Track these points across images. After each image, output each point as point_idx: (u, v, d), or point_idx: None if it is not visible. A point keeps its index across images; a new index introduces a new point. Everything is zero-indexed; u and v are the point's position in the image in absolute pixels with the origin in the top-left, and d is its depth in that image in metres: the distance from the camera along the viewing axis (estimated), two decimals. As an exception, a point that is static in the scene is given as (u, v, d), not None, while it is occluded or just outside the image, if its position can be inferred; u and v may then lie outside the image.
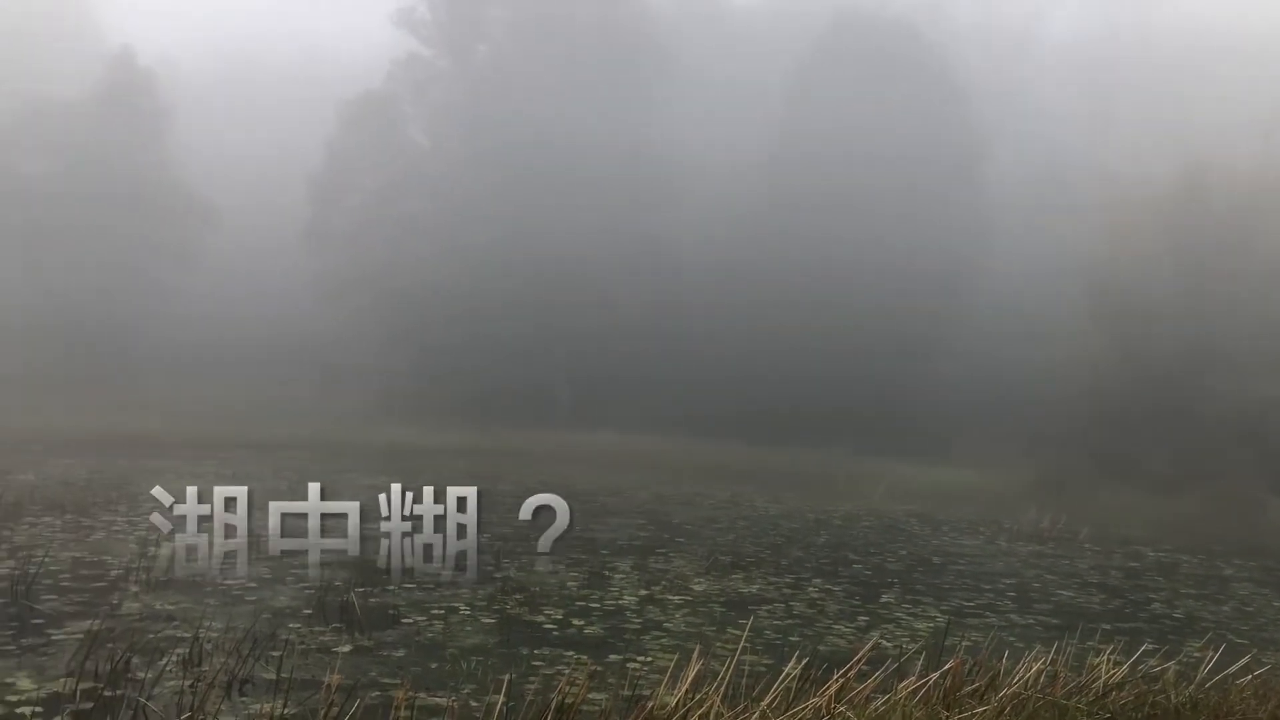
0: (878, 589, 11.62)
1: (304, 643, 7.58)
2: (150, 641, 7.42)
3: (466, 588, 10.20)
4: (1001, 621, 10.15)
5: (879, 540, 15.92)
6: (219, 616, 8.29)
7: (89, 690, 6.23)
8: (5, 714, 5.83)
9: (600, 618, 9.24)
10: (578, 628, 8.83)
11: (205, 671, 6.69)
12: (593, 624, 8.99)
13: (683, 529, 15.62)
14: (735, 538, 14.99)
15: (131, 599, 8.89)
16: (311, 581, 10.02)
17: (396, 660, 7.43)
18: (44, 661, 6.93)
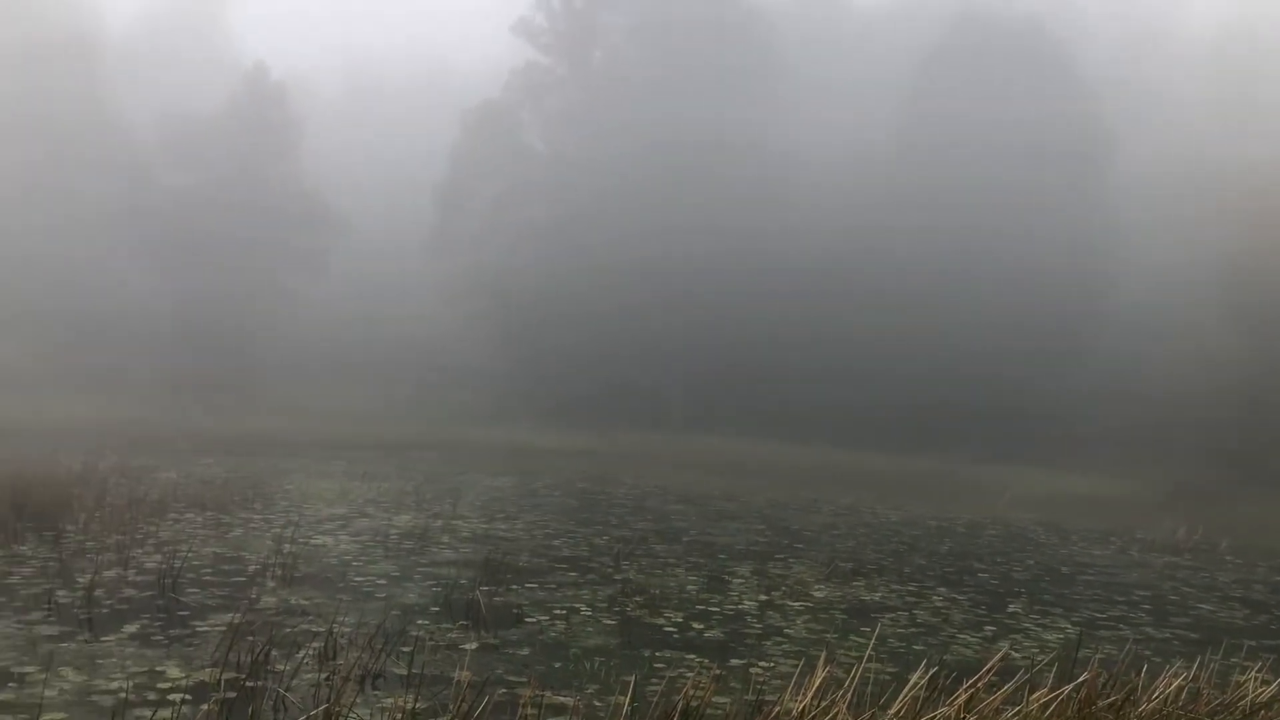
0: (1004, 598, 11.34)
1: (432, 639, 7.77)
2: (288, 635, 7.70)
3: (587, 589, 10.31)
4: (1136, 635, 9.79)
5: (1004, 549, 15.53)
6: (351, 612, 8.55)
7: (231, 680, 6.51)
8: (157, 700, 6.12)
9: (720, 622, 9.23)
10: (698, 631, 8.84)
11: (340, 665, 6.92)
12: (713, 628, 8.99)
13: (802, 535, 15.50)
14: (855, 544, 14.81)
15: (269, 594, 9.23)
16: (438, 579, 10.26)
17: (521, 658, 7.56)
18: (190, 652, 7.26)
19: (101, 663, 6.85)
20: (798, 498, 21.08)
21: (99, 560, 10.10)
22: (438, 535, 13.16)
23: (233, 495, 15.71)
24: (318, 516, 14.31)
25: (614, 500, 19.00)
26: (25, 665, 6.67)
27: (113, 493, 14.35)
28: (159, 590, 9.08)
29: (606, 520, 15.89)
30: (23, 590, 8.80)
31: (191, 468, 19.89)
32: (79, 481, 15.61)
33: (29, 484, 13.67)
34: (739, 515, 17.49)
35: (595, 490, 20.65)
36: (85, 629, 7.71)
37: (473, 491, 18.98)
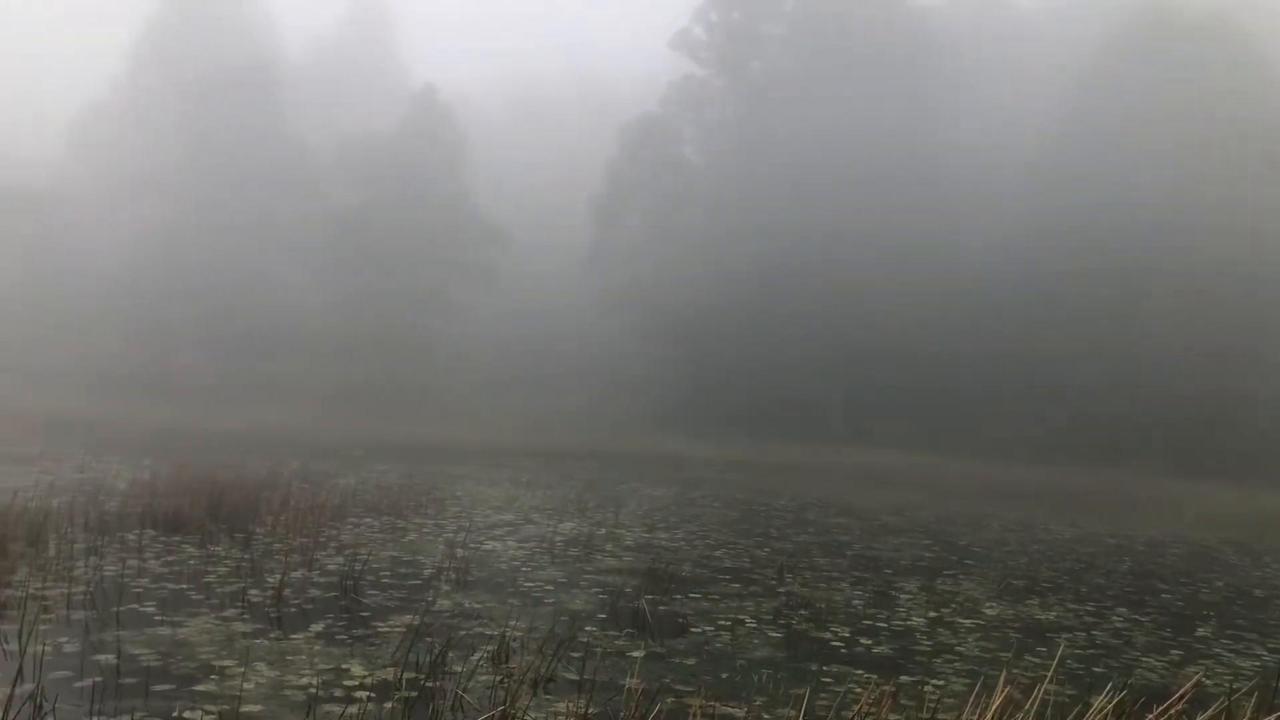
0: (1191, 621, 10.75)
1: (601, 646, 7.88)
2: (463, 637, 7.94)
3: (751, 600, 10.27)
4: (1343, 665, 9.13)
5: (1190, 569, 14.73)
6: (522, 617, 8.75)
7: (411, 680, 6.76)
8: (343, 697, 6.41)
9: (889, 638, 9.06)
10: (866, 647, 8.69)
11: (513, 668, 7.10)
12: (881, 643, 8.82)
13: (970, 551, 15.07)
14: (1028, 561, 14.30)
15: (444, 597, 9.54)
16: (603, 587, 10.41)
17: (689, 668, 7.59)
18: (372, 651, 7.57)
19: (292, 659, 7.21)
20: (965, 512, 20.50)
21: (286, 562, 10.62)
22: (601, 543, 13.35)
23: (407, 501, 16.30)
24: (487, 522, 14.72)
25: (774, 512, 18.89)
26: (224, 659, 7.08)
27: (296, 497, 15.08)
28: (341, 591, 9.51)
29: (767, 532, 15.81)
30: (219, 589, 9.35)
31: (367, 474, 20.75)
32: (265, 486, 16.48)
33: (222, 488, 14.50)
34: (904, 529, 17.13)
35: (755, 502, 20.57)
36: (276, 627, 8.13)
37: (633, 501, 19.19)
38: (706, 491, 22.03)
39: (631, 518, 16.41)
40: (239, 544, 11.68)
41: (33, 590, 8.65)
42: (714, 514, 17.99)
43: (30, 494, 13.30)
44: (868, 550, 14.42)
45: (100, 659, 6.93)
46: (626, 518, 16.27)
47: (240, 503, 14.14)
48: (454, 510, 16.05)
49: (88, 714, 5.68)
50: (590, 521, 15.36)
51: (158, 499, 13.86)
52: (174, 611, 8.40)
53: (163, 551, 11.00)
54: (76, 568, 9.75)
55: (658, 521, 16.17)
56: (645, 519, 16.45)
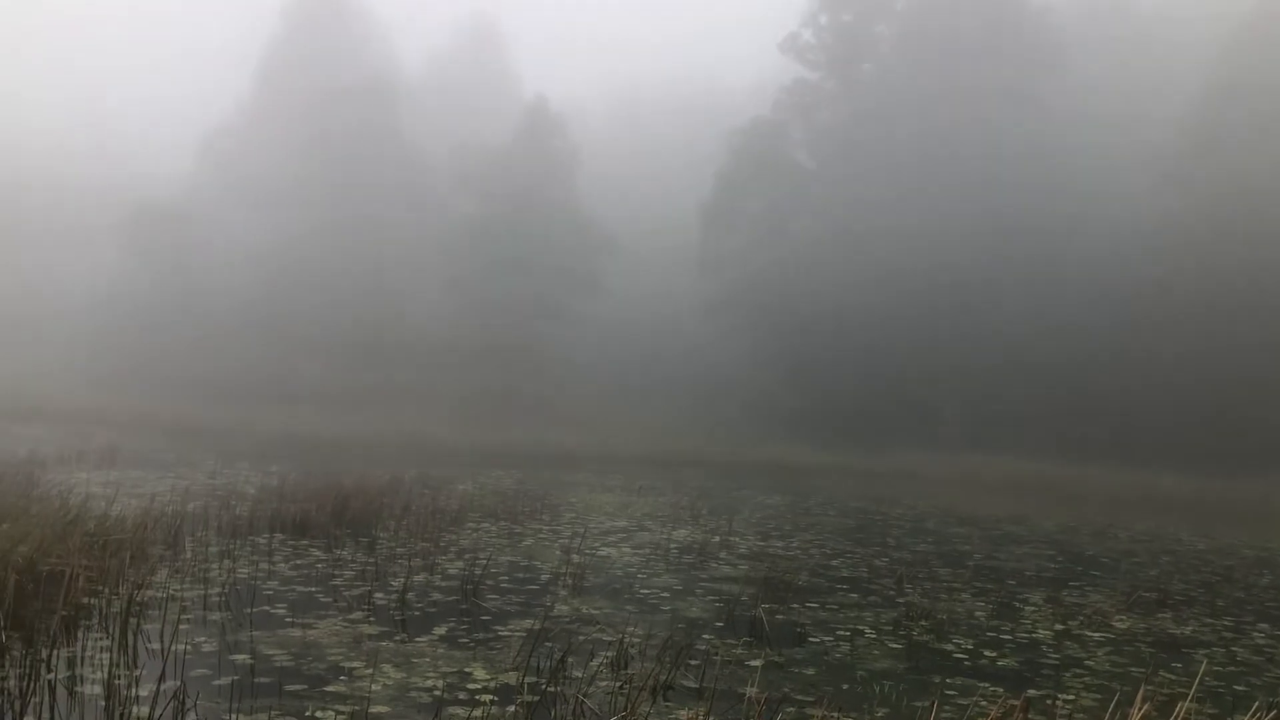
0: (1341, 640, 10.19)
1: (718, 654, 7.86)
2: (581, 643, 8.02)
3: (869, 611, 10.12)
4: None
5: (1337, 584, 13.98)
6: (639, 623, 8.78)
7: (533, 684, 6.85)
8: (466, 699, 6.53)
9: (1013, 650, 8.82)
10: (990, 659, 8.48)
11: (632, 675, 7.13)
12: (1006, 656, 8.60)
13: (1097, 562, 14.58)
14: (1159, 573, 13.76)
15: (562, 602, 9.65)
16: (719, 595, 10.38)
17: (808, 678, 7.52)
18: (494, 655, 7.69)
19: (416, 661, 7.38)
20: (1090, 522, 19.86)
21: (409, 566, 10.89)
22: (715, 551, 13.32)
23: (522, 507, 16.54)
24: (601, 529, 14.84)
25: (891, 521, 18.59)
26: (353, 661, 7.28)
27: (416, 503, 15.44)
28: (462, 595, 9.69)
29: (884, 541, 15.56)
30: (346, 591, 9.62)
31: (484, 480, 21.12)
32: (386, 492, 16.90)
33: (346, 494, 14.92)
34: (1026, 539, 16.67)
35: (871, 510, 20.28)
36: (401, 629, 8.33)
37: (746, 508, 19.10)
38: (821, 499, 21.80)
39: (745, 525, 16.34)
40: (363, 548, 12.01)
41: (172, 591, 9.04)
42: (829, 522, 17.79)
43: (167, 498, 13.90)
44: (989, 560, 14.07)
45: (236, 659, 7.20)
46: (740, 525, 16.20)
47: (364, 508, 14.54)
48: (568, 516, 16.22)
49: (227, 711, 5.90)
50: (704, 529, 15.34)
51: (286, 504, 14.34)
52: (304, 613, 8.67)
53: (291, 555, 11.38)
54: (211, 570, 10.15)
55: (772, 530, 16.07)
56: (759, 527, 16.36)
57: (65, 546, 9.26)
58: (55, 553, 9.05)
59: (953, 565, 13.39)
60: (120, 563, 9.52)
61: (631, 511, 17.31)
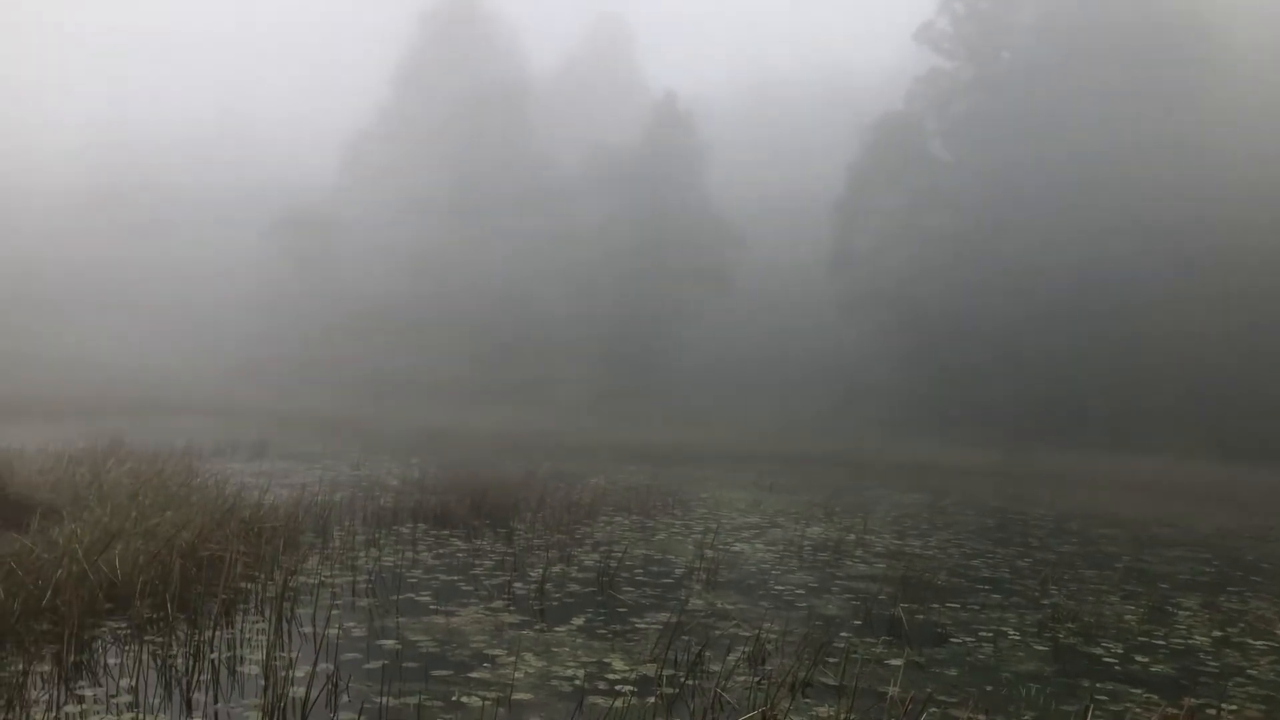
0: None
1: (857, 652, 7.76)
2: (718, 638, 8.02)
3: (1012, 612, 9.83)
4: None
5: None
6: (775, 619, 8.73)
7: (670, 677, 6.88)
8: (606, 690, 6.60)
9: (1168, 656, 8.45)
10: (1142, 664, 8.15)
11: (770, 671, 7.10)
12: (1160, 662, 8.24)
13: (1258, 567, 13.84)
14: (1327, 580, 12.98)
15: (696, 596, 9.66)
16: (856, 593, 10.24)
17: (950, 679, 7.35)
18: (631, 646, 7.75)
19: (556, 651, 7.49)
20: (1248, 525, 18.87)
21: (546, 557, 11.07)
22: (850, 549, 13.14)
23: (654, 501, 16.63)
24: (733, 524, 14.80)
25: (1032, 521, 18.02)
26: (495, 649, 7.44)
27: (551, 496, 15.67)
28: (599, 587, 9.80)
29: (1026, 542, 15.10)
30: (486, 581, 9.83)
31: (615, 474, 21.30)
32: (522, 485, 17.23)
33: (484, 487, 15.26)
34: (1178, 542, 15.95)
35: (1011, 510, 19.70)
36: (540, 619, 8.47)
37: (881, 506, 18.79)
38: (958, 499, 21.28)
39: (881, 524, 16.07)
40: (501, 539, 12.26)
41: (323, 578, 9.40)
42: (967, 522, 17.35)
43: (315, 489, 14.46)
44: (1138, 563, 13.51)
45: (384, 644, 7.44)
46: (875, 523, 15.95)
47: (501, 500, 14.84)
48: (700, 512, 16.23)
49: (378, 695, 6.10)
50: (838, 526, 15.15)
51: (426, 495, 14.76)
52: (447, 601, 8.90)
53: (434, 544, 11.69)
54: (358, 558, 10.51)
55: (908, 528, 15.76)
56: (895, 525, 16.07)
57: (223, 533, 9.73)
58: (214, 539, 9.51)
59: (1099, 567, 12.91)
60: (274, 550, 9.95)
61: (763, 508, 17.22)
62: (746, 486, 20.97)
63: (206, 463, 17.38)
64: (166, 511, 9.94)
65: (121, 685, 6.25)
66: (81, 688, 6.20)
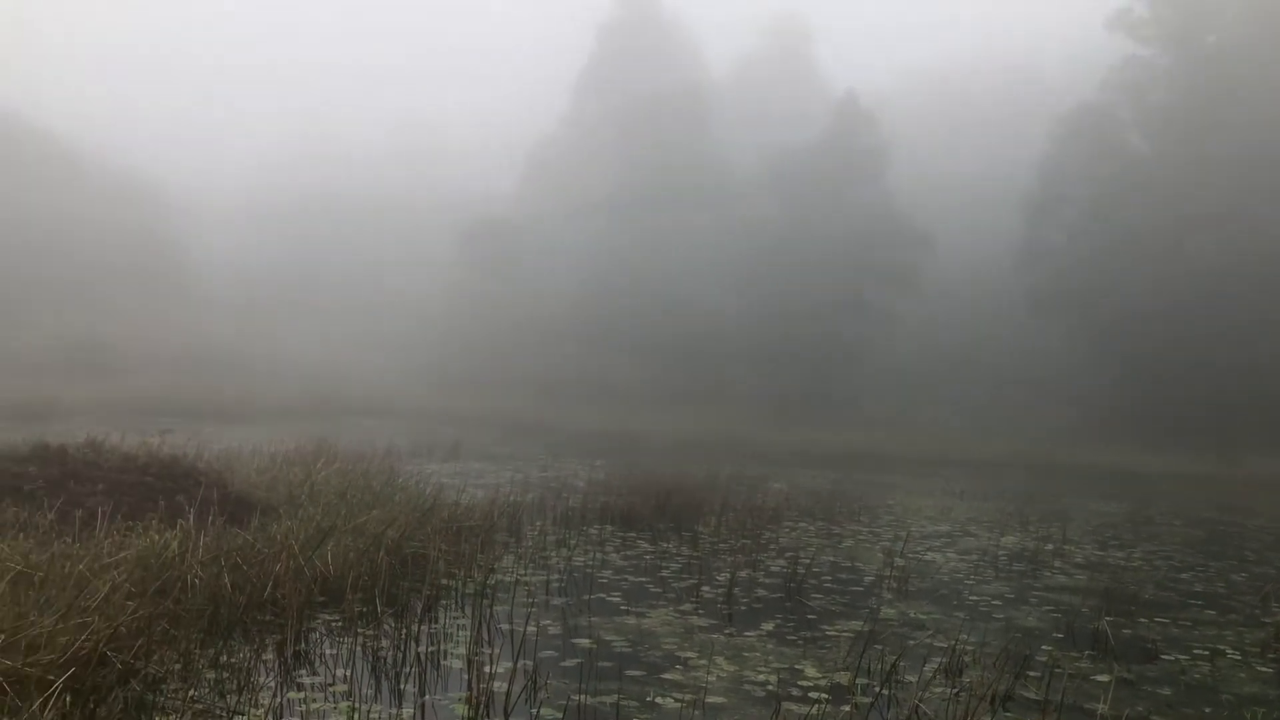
0: None
1: (1060, 667, 7.45)
2: (911, 648, 7.85)
3: (1230, 629, 9.25)
4: None
5: None
6: (971, 631, 8.49)
7: (864, 686, 6.78)
8: (799, 696, 6.57)
9: None
10: (1385, 692, 7.52)
11: (968, 683, 6.90)
12: (1405, 691, 7.59)
13: None
14: None
15: (887, 605, 9.49)
16: (1056, 605, 9.84)
17: (1163, 698, 6.97)
18: (822, 654, 7.68)
19: (747, 655, 7.50)
20: None
21: (732, 561, 11.09)
22: (1048, 559, 12.63)
23: (839, 507, 16.42)
24: (922, 532, 14.45)
25: (1248, 533, 16.90)
26: (686, 651, 7.51)
27: (733, 500, 15.67)
28: (786, 593, 9.75)
29: (1242, 555, 14.17)
30: (674, 583, 9.93)
31: (797, 479, 21.14)
32: (704, 488, 17.31)
33: (667, 489, 15.41)
34: None
35: (1223, 520, 18.53)
36: (729, 623, 8.50)
37: (1079, 515, 17.99)
38: (1163, 508, 20.16)
39: (1080, 533, 15.38)
40: (687, 542, 12.35)
41: (518, 576, 9.69)
42: (1175, 532, 16.41)
43: (506, 489, 14.93)
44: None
45: (579, 642, 7.62)
46: (1074, 533, 15.27)
47: (684, 503, 14.95)
48: (887, 519, 15.92)
49: (575, 692, 6.25)
50: (1034, 536, 14.58)
51: (612, 498, 15.01)
52: (637, 602, 9.04)
53: (621, 546, 11.89)
54: (550, 557, 10.80)
55: (1109, 538, 15.03)
56: (1095, 535, 15.35)
57: (425, 531, 10.17)
58: (417, 537, 9.95)
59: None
60: (472, 548, 10.32)
61: (953, 515, 16.75)
62: (934, 493, 20.45)
63: (405, 463, 18.15)
64: (373, 510, 10.45)
65: (337, 675, 6.62)
66: (301, 676, 6.59)
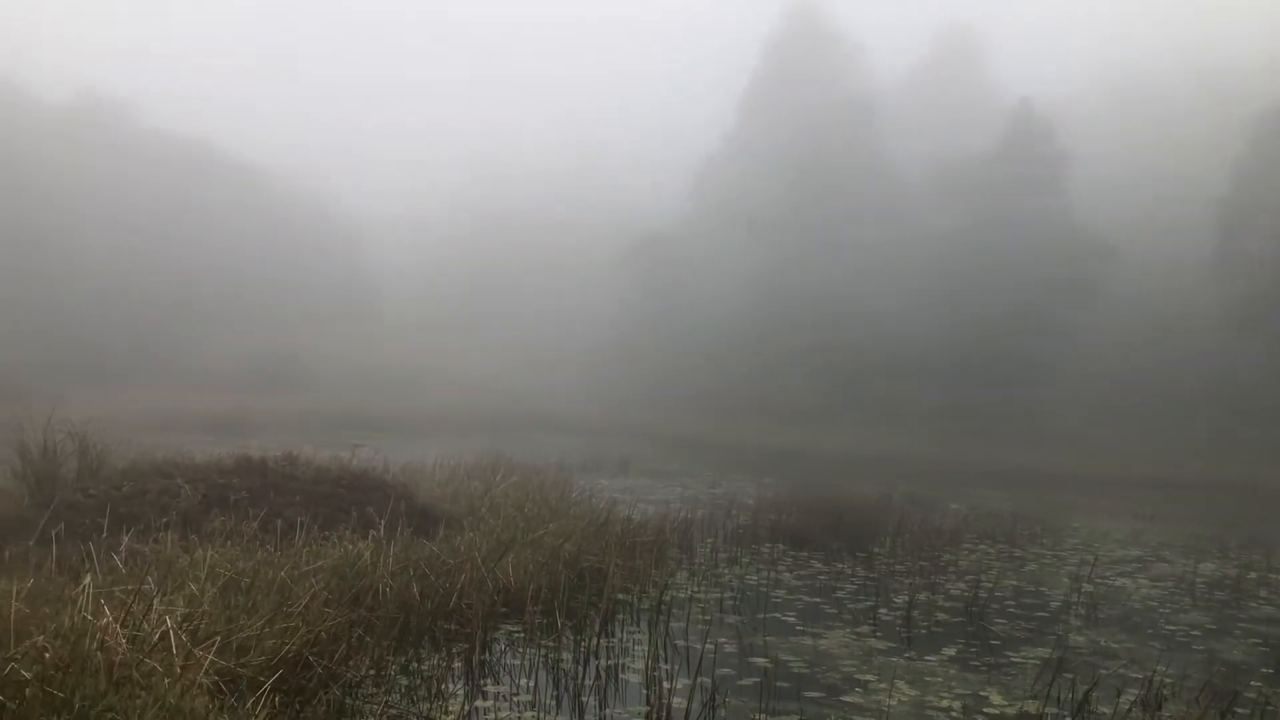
0: None
1: (1272, 704, 6.99)
2: (1104, 678, 7.50)
3: None
4: None
5: None
6: (1169, 662, 8.04)
7: (1054, 715, 6.51)
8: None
9: None
10: None
11: (1168, 717, 6.56)
12: None
13: None
14: None
15: (1076, 632, 9.10)
16: (1264, 638, 9.23)
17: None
18: (1008, 681, 7.43)
19: (929, 680, 7.32)
20: None
21: (908, 583, 10.84)
22: (1252, 588, 11.86)
23: (1019, 529, 15.82)
24: (1110, 557, 13.79)
25: None
26: (865, 674, 7.39)
27: (909, 520, 15.31)
28: (967, 617, 9.47)
29: None
30: (850, 605, 9.78)
31: (974, 499, 20.49)
32: (877, 507, 16.99)
33: (839, 508, 15.20)
34: None
35: None
36: (908, 646, 8.31)
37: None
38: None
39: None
40: (861, 562, 12.14)
41: (692, 592, 9.73)
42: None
43: (677, 506, 15.01)
44: None
45: (756, 661, 7.59)
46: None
47: (857, 522, 14.73)
48: (1071, 542, 15.26)
49: (756, 711, 6.23)
50: (1235, 563, 13.71)
51: (782, 515, 14.90)
52: (812, 623, 8.94)
53: (793, 565, 11.78)
54: (723, 574, 10.80)
55: (1322, 567, 13.98)
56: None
57: (600, 546, 10.32)
58: (593, 551, 10.11)
59: None
60: (646, 563, 10.42)
61: (1144, 539, 15.91)
62: (1123, 515, 19.48)
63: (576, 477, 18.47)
64: (549, 523, 10.68)
65: (520, 685, 6.79)
66: (486, 685, 6.80)
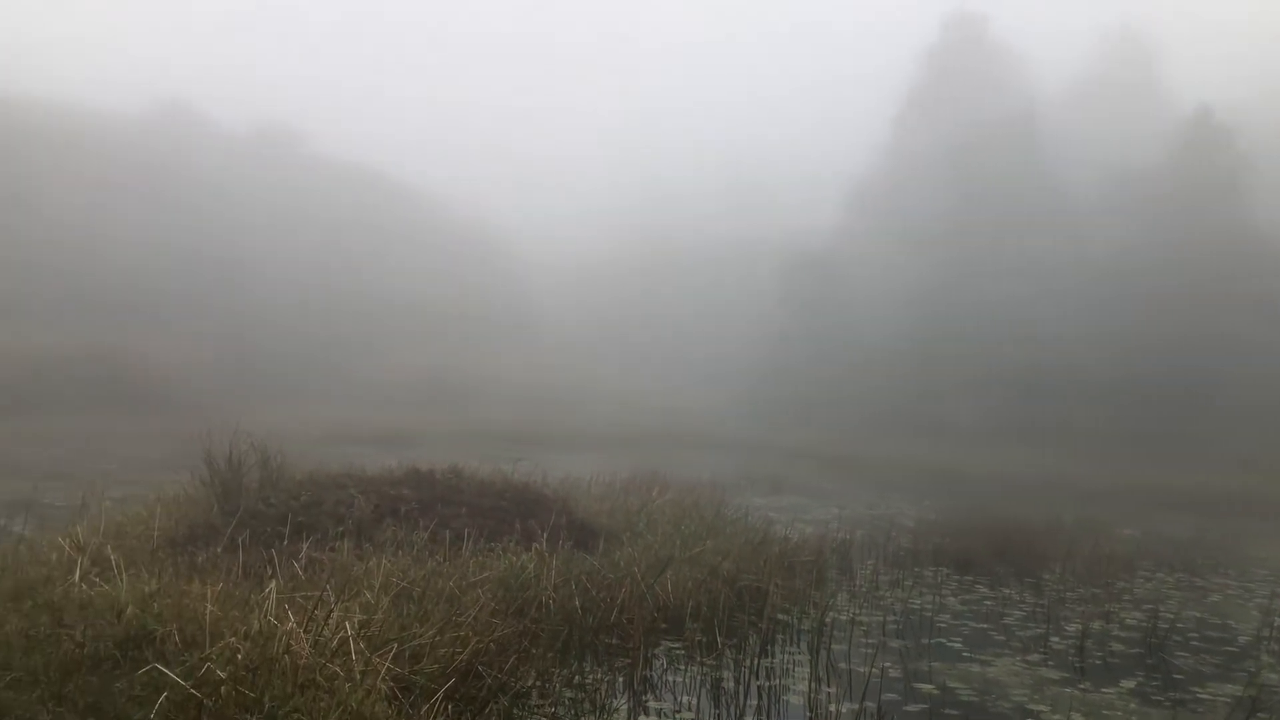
0: None
1: None
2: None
3: None
4: None
5: None
6: (1376, 706, 7.47)
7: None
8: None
9: None
10: None
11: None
12: None
13: None
14: None
15: (1269, 669, 8.54)
16: None
17: None
18: (1194, 718, 7.03)
19: (1107, 714, 7.00)
20: None
21: (1080, 611, 10.38)
22: None
23: (1199, 556, 14.98)
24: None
25: None
26: (1038, 704, 7.11)
27: (1079, 545, 14.67)
28: (1146, 649, 9.01)
29: None
30: (1018, 632, 9.44)
31: (1150, 524, 19.50)
32: (1045, 532, 16.34)
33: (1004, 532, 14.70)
34: None
35: None
36: (1082, 677, 7.96)
37: None
38: None
39: None
40: (1029, 589, 11.70)
41: (853, 615, 9.56)
42: None
43: (834, 526, 14.78)
44: None
45: (921, 687, 7.40)
46: None
47: (1023, 546, 14.21)
48: (1261, 572, 14.33)
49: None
50: None
51: (945, 538, 14.49)
52: (979, 649, 8.67)
53: (958, 589, 11.44)
54: (884, 597, 10.57)
55: None
56: None
57: (758, 564, 10.24)
58: (750, 569, 10.05)
59: None
60: (805, 584, 10.29)
61: (1343, 572, 14.81)
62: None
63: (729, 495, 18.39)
64: (706, 541, 10.67)
65: (681, 702, 6.79)
66: (648, 700, 6.83)
